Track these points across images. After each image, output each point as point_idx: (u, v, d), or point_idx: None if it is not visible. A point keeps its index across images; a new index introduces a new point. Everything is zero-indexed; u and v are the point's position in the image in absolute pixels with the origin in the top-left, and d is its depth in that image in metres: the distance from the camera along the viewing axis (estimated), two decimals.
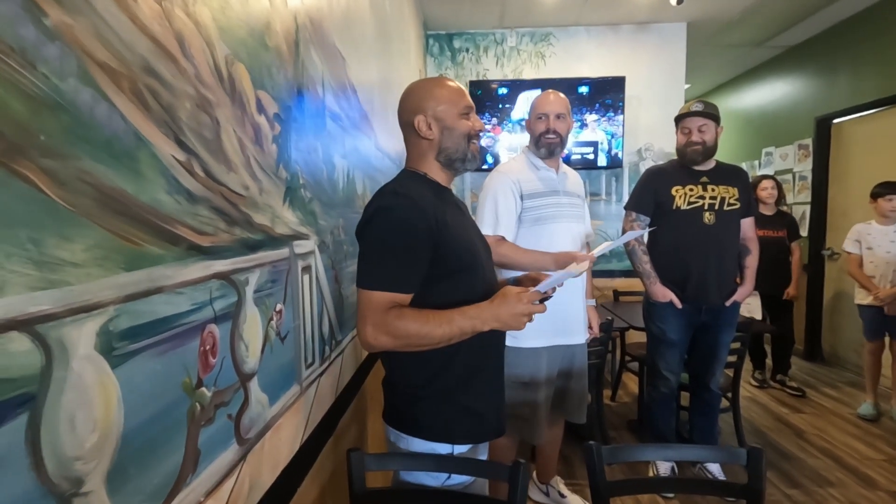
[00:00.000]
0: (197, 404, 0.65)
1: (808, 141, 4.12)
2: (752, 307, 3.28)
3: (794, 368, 3.56)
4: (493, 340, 1.12)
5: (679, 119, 2.11)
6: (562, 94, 1.80)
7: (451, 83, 1.11)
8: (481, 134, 1.12)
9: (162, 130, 0.60)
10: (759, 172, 4.85)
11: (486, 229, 1.71)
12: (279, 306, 0.93)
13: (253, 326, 0.82)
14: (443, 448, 1.07)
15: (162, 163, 0.60)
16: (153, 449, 0.57)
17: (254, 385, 0.82)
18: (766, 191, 3.38)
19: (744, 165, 5.05)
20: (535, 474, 2.17)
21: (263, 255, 0.87)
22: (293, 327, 1.01)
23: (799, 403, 3.23)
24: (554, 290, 1.06)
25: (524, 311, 0.97)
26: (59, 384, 0.44)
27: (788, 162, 4.37)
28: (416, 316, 0.95)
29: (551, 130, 1.71)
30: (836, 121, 3.93)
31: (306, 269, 1.09)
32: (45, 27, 0.44)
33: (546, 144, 1.73)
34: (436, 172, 1.11)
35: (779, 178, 4.59)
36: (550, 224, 1.72)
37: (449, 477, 1.06)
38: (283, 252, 0.96)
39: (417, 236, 0.97)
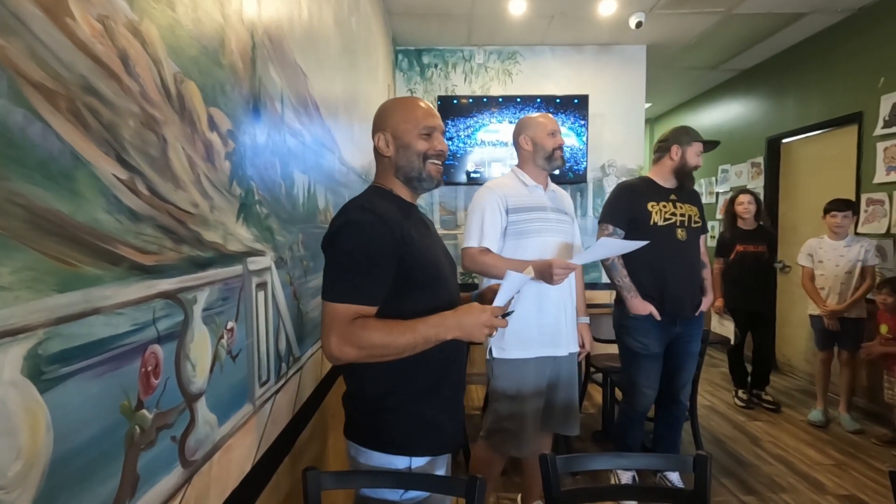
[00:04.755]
0: (136, 427, 0.64)
1: (760, 159, 4.33)
2: (726, 328, 3.17)
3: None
4: (454, 353, 1.13)
5: (693, 141, 2.15)
6: None
7: (417, 103, 1.12)
8: (442, 155, 1.10)
9: (102, 149, 0.59)
10: (717, 189, 5.06)
11: (472, 241, 1.77)
12: (230, 324, 0.92)
13: (201, 345, 0.81)
14: (401, 461, 1.07)
15: (101, 182, 0.59)
16: (86, 475, 0.55)
17: (201, 405, 0.80)
18: (742, 205, 3.34)
19: (702, 182, 5.26)
20: (519, 498, 2.16)
21: (214, 273, 0.86)
22: (246, 345, 0.99)
23: (756, 412, 3.34)
24: (510, 303, 1.08)
25: (487, 322, 1.00)
26: None
27: (743, 179, 4.58)
28: (379, 326, 0.97)
29: (560, 146, 1.84)
30: (785, 140, 4.15)
31: (261, 285, 1.08)
32: None
33: (559, 157, 1.84)
34: (399, 189, 1.13)
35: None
36: (534, 238, 1.77)
37: (405, 491, 1.06)
38: (236, 269, 0.95)
39: (383, 250, 0.99)
